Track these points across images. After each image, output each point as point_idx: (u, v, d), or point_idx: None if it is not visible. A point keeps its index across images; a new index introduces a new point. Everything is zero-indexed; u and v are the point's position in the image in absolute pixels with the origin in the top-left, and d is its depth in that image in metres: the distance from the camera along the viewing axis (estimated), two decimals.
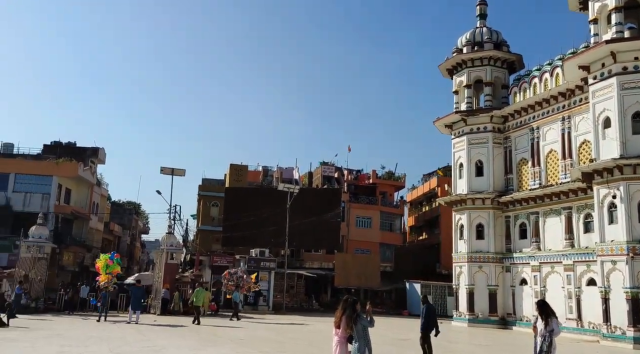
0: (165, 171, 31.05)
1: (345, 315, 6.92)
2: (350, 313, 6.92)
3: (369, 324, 7.11)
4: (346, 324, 6.90)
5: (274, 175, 47.62)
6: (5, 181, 36.65)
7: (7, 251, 32.49)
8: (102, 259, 23.37)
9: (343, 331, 6.93)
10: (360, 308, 7.08)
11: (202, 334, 17.27)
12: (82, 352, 12.21)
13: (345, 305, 7.03)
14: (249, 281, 27.02)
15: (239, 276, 26.81)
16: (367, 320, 7.11)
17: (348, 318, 6.89)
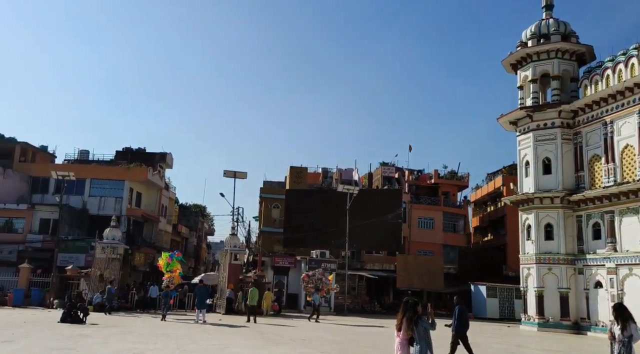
0: (227, 174, 31.92)
1: (406, 317, 6.80)
2: (411, 315, 6.79)
3: (430, 326, 6.96)
4: (407, 326, 6.77)
5: (334, 176, 47.73)
6: (82, 186, 39.02)
7: (84, 252, 34.49)
8: (163, 258, 24.08)
9: (404, 333, 6.81)
10: (421, 310, 6.94)
11: (264, 334, 17.55)
12: (151, 349, 12.72)
13: (406, 307, 6.91)
14: (327, 283, 26.83)
15: (318, 278, 26.72)
16: (428, 322, 6.96)
17: (409, 320, 6.77)
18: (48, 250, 33.42)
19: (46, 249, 34.05)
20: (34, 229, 36.42)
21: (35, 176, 39.93)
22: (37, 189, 39.90)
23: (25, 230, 36.28)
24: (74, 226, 37.18)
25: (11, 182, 38.43)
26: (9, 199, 37.12)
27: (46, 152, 44.64)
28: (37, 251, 34.78)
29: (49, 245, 34.19)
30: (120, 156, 44.94)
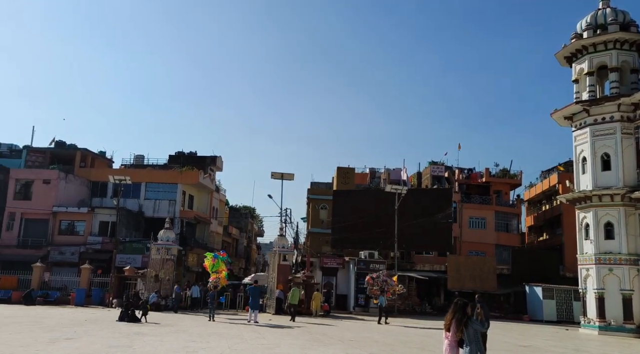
0: (275, 176, 32.30)
1: (455, 318, 6.66)
2: (460, 316, 6.65)
3: (481, 327, 6.77)
4: (456, 328, 6.63)
5: (382, 176, 47.37)
6: (138, 189, 40.56)
7: (140, 253, 35.79)
8: (208, 258, 24.49)
9: (453, 335, 6.67)
10: (471, 311, 6.78)
11: (313, 334, 17.64)
12: (204, 347, 13.04)
13: (455, 308, 6.77)
14: (392, 284, 26.43)
15: (383, 280, 26.36)
16: (478, 323, 6.78)
17: (458, 321, 6.63)
18: (107, 251, 34.93)
19: (105, 251, 35.61)
20: (94, 232, 38.15)
21: (94, 181, 41.86)
22: (97, 193, 41.81)
23: (86, 232, 38.07)
24: (131, 228, 38.69)
25: (73, 187, 40.43)
26: (70, 203, 39.07)
27: (104, 158, 46.69)
28: (97, 253, 36.42)
29: (107, 246, 35.73)
30: (173, 160, 46.36)
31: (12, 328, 16.05)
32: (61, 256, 36.77)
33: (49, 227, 37.94)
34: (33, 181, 39.07)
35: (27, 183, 39.26)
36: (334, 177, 46.00)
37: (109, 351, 11.89)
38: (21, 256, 35.25)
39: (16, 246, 37.16)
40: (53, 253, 36.73)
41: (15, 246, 37.21)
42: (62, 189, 39.09)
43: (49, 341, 13.10)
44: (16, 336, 14.01)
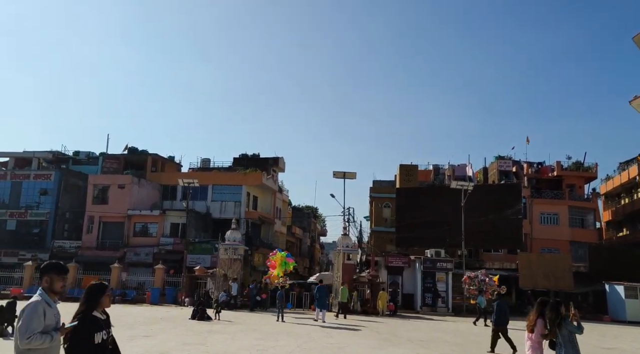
0: (337, 175, 32.29)
1: (547, 318, 6.30)
2: (553, 316, 6.27)
3: (577, 330, 6.33)
4: (543, 327, 6.28)
5: (446, 173, 46.28)
6: (205, 192, 41.94)
7: (209, 253, 36.91)
8: (278, 256, 24.67)
9: (537, 336, 6.32)
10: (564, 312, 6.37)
11: (381, 334, 17.44)
12: (273, 346, 13.20)
13: (541, 308, 6.41)
14: (492, 284, 25.48)
15: (481, 279, 25.54)
16: (574, 325, 6.34)
17: (551, 322, 6.26)
18: (178, 252, 36.31)
19: (176, 251, 37.03)
20: (166, 233, 39.79)
21: (164, 184, 43.71)
22: (167, 196, 43.63)
23: (158, 234, 39.77)
24: (200, 229, 40.03)
25: (145, 191, 42.39)
26: (143, 206, 40.97)
27: (173, 162, 48.63)
28: (169, 253, 37.95)
29: (178, 247, 37.14)
30: (237, 162, 47.55)
31: None
32: (136, 256, 38.63)
33: (125, 229, 39.97)
34: (109, 186, 41.32)
35: (103, 188, 41.56)
36: (396, 175, 45.43)
37: (184, 348, 12.28)
38: (100, 257, 37.34)
39: (96, 248, 39.45)
40: (129, 254, 38.64)
41: (95, 247, 39.52)
42: (135, 193, 41.07)
43: (128, 339, 13.72)
44: None
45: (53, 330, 3.98)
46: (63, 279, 4.29)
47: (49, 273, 4.22)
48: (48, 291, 4.16)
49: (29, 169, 43.59)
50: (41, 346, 3.86)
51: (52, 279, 4.20)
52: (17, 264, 35.90)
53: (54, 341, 3.94)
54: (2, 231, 41.34)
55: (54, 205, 41.41)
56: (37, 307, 3.94)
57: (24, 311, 3.94)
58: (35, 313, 3.91)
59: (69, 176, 43.15)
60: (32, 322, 3.87)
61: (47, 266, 4.29)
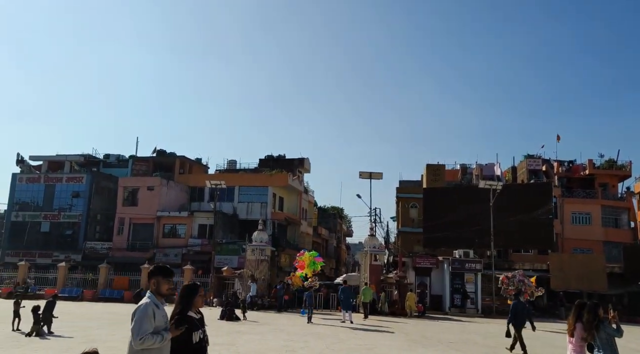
0: (363, 176, 32.17)
1: (584, 321, 6.10)
2: (591, 318, 6.07)
3: (616, 333, 6.11)
4: (583, 331, 6.08)
5: (473, 172, 45.67)
6: (232, 193, 42.33)
7: (237, 254, 37.23)
8: (306, 256, 24.57)
9: (578, 340, 6.12)
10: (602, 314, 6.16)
11: (410, 335, 17.27)
12: (302, 347, 13.21)
13: (579, 311, 6.21)
14: (530, 285, 24.64)
15: (519, 280, 24.71)
16: (613, 328, 6.12)
17: (589, 324, 6.06)
18: (206, 253, 36.72)
19: (204, 252, 37.45)
20: (194, 234, 40.30)
21: (192, 186, 44.30)
22: (195, 198, 44.20)
23: (187, 235, 40.32)
24: (227, 230, 40.41)
25: (173, 193, 43.02)
26: (172, 207, 41.59)
27: (200, 164, 49.24)
28: (197, 254, 38.42)
29: (206, 248, 37.56)
30: (263, 163, 47.86)
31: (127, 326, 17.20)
32: (165, 257, 39.21)
33: (154, 231, 40.63)
34: (138, 188, 42.08)
35: (133, 190, 42.35)
36: (423, 175, 45.01)
37: (214, 348, 12.36)
38: (131, 258, 38.02)
39: (126, 249, 40.21)
40: (158, 255, 39.26)
41: (126, 249, 40.29)
42: (164, 195, 41.72)
43: None
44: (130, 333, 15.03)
45: (163, 330, 4.12)
46: (169, 282, 4.36)
47: (155, 276, 4.32)
48: (155, 293, 4.27)
49: (61, 173, 44.75)
50: (153, 346, 4.00)
51: (159, 282, 4.30)
52: (51, 265, 36.85)
53: (165, 341, 4.08)
54: (37, 233, 42.52)
55: (86, 207, 42.39)
56: (147, 309, 4.08)
57: (135, 314, 4.10)
58: (145, 315, 4.04)
59: (100, 178, 44.14)
60: (143, 324, 4.01)
61: (154, 269, 4.39)
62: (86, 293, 31.66)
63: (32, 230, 42.52)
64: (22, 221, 42.88)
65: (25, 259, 37.23)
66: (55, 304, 15.27)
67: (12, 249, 41.96)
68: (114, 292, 32.00)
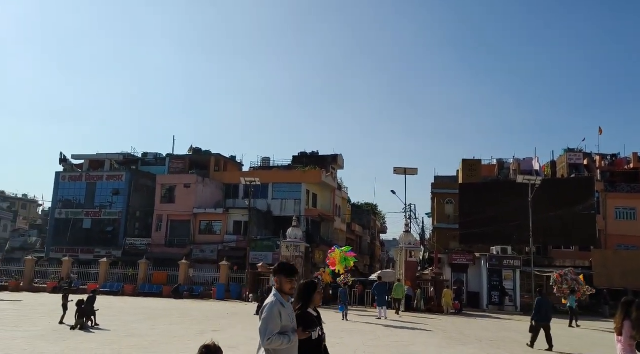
0: (398, 171, 31.88)
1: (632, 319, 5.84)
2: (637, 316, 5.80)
3: None
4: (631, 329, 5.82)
5: (511, 167, 44.67)
6: (266, 190, 42.68)
7: (271, 250, 37.52)
8: (337, 253, 24.41)
9: (626, 339, 5.86)
10: None
11: (448, 333, 17.03)
12: (338, 343, 13.18)
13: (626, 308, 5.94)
14: (582, 284, 24.23)
15: (572, 278, 24.23)
16: None
17: (637, 322, 5.79)
18: (241, 249, 37.16)
19: (240, 248, 37.90)
20: (229, 231, 40.85)
21: (227, 183, 44.89)
22: (230, 195, 44.78)
23: (222, 231, 40.90)
24: (261, 227, 40.78)
25: (209, 190, 43.70)
26: (208, 204, 42.25)
27: (235, 162, 49.83)
28: (232, 250, 38.93)
29: (241, 244, 38.00)
30: (296, 160, 48.02)
31: (166, 320, 17.67)
32: (202, 253, 39.90)
33: (191, 227, 41.39)
34: (175, 185, 42.92)
35: (170, 188, 43.22)
36: (458, 171, 44.31)
37: (251, 343, 12.49)
38: (169, 254, 38.84)
39: (164, 245, 41.10)
40: (195, 251, 39.97)
41: (164, 245, 41.18)
42: (200, 192, 42.43)
43: (198, 333, 14.16)
44: (169, 327, 15.37)
45: (291, 332, 4.04)
46: (291, 281, 4.25)
47: (278, 274, 4.25)
48: (280, 291, 4.19)
49: (102, 171, 46.06)
50: (280, 347, 3.93)
51: (281, 280, 4.23)
52: (92, 261, 38.00)
53: (292, 343, 4.01)
54: (79, 229, 43.93)
55: (126, 204, 43.53)
56: (272, 309, 4.00)
57: (262, 313, 4.05)
58: (271, 315, 3.97)
59: (138, 176, 45.23)
60: (270, 324, 3.94)
61: (277, 268, 4.33)
62: (127, 288, 32.50)
63: (74, 227, 43.95)
64: (66, 218, 44.38)
65: (69, 255, 38.54)
66: (95, 299, 15.66)
67: (56, 245, 43.49)
68: (153, 287, 32.73)
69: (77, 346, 10.85)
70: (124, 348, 10.91)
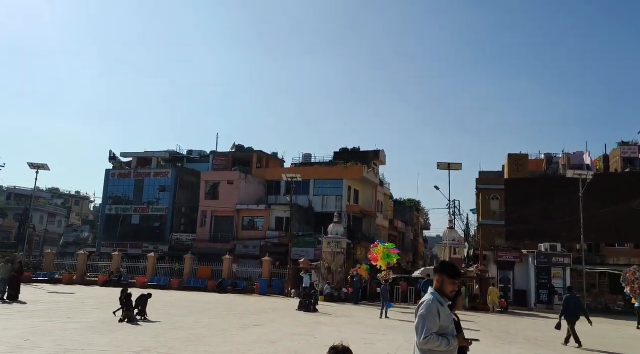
0: (441, 167, 31.31)
1: None
2: None
3: None
4: None
5: (560, 162, 43.11)
6: (307, 186, 42.83)
7: (313, 246, 37.65)
8: (380, 249, 24.09)
9: None
10: None
11: (494, 332, 16.60)
12: (380, 339, 13.05)
13: None
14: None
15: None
16: None
17: None
18: (283, 245, 37.44)
19: (282, 244, 38.20)
20: (271, 227, 41.26)
21: (269, 180, 45.34)
22: (272, 191, 45.22)
23: (265, 227, 41.36)
24: (303, 223, 40.98)
25: (252, 187, 44.28)
26: (250, 201, 42.81)
27: (277, 158, 50.26)
28: (274, 246, 39.29)
29: (283, 240, 38.29)
30: (337, 156, 47.97)
31: (211, 314, 18.00)
32: (245, 249, 40.47)
33: (234, 223, 42.06)
34: (219, 182, 43.71)
35: (214, 184, 44.05)
36: (504, 166, 43.14)
37: (293, 338, 12.55)
38: (213, 249, 39.60)
39: (209, 241, 41.95)
40: (238, 247, 40.60)
41: (208, 240, 42.03)
42: (242, 189, 43.05)
43: (241, 327, 14.33)
44: (214, 321, 15.63)
45: (450, 335, 3.84)
46: (454, 283, 4.03)
47: (441, 274, 4.04)
48: (439, 291, 3.97)
49: (149, 168, 47.42)
50: (437, 349, 3.74)
51: (444, 281, 4.00)
52: (141, 255, 39.19)
53: (450, 346, 3.80)
54: (128, 225, 45.42)
55: (172, 201, 44.68)
56: (431, 307, 3.81)
57: (419, 310, 3.87)
58: (430, 313, 3.78)
59: (183, 173, 46.33)
60: (428, 322, 3.75)
61: (441, 267, 4.14)
62: (173, 282, 33.33)
63: (124, 222, 45.48)
64: (115, 214, 45.97)
65: (119, 249, 39.93)
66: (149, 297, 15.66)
67: (106, 240, 45.15)
68: (198, 281, 33.43)
69: (124, 338, 11.17)
70: (168, 340, 11.15)
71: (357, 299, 27.22)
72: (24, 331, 11.60)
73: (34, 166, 36.62)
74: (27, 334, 11.08)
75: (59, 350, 9.27)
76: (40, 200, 67.21)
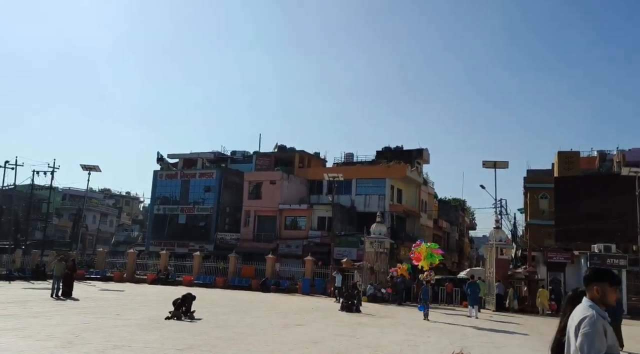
0: (487, 165, 30.48)
1: None
2: None
3: None
4: None
5: (614, 159, 41.16)
6: (349, 186, 42.68)
7: (355, 246, 37.47)
8: (423, 248, 23.53)
9: None
10: None
11: (544, 335, 15.92)
12: (424, 341, 12.80)
13: None
14: None
15: None
16: None
17: None
18: (325, 244, 37.43)
19: (324, 244, 38.21)
20: (313, 226, 41.36)
21: (311, 180, 45.47)
22: (314, 191, 45.33)
23: (307, 227, 41.50)
24: (345, 223, 40.86)
25: (294, 186, 44.53)
26: (292, 200, 43.06)
27: (318, 158, 50.33)
28: (317, 245, 39.35)
29: (325, 240, 38.29)
30: (380, 155, 47.56)
31: (253, 312, 18.16)
32: (287, 248, 40.74)
33: (277, 222, 42.41)
34: (262, 182, 44.20)
35: (257, 184, 44.57)
36: (554, 164, 41.62)
37: (335, 338, 12.47)
38: (256, 248, 40.08)
39: (252, 240, 42.48)
40: (281, 246, 40.91)
41: (252, 240, 42.57)
42: (285, 188, 43.35)
43: (283, 326, 14.37)
44: (256, 319, 15.75)
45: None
46: (615, 290, 3.53)
47: (601, 282, 3.48)
48: (599, 302, 3.45)
49: (194, 169, 48.49)
50: None
51: (605, 290, 3.46)
52: (187, 254, 40.12)
53: None
54: (175, 224, 46.59)
55: (216, 201, 45.52)
56: (596, 323, 3.28)
57: (579, 326, 3.32)
58: (596, 331, 3.26)
59: (227, 174, 47.12)
60: (595, 342, 3.24)
61: (598, 274, 3.57)
62: (218, 281, 33.92)
63: (171, 222, 46.69)
64: (163, 214, 47.25)
65: (166, 248, 41.01)
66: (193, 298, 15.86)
67: (155, 239, 46.46)
68: (242, 280, 33.88)
69: (170, 335, 11.39)
70: (212, 338, 11.29)
71: (400, 300, 26.91)
72: (75, 327, 12.02)
73: (86, 168, 38.08)
74: (78, 330, 11.47)
75: (107, 346, 9.53)
76: (93, 200, 70.06)
